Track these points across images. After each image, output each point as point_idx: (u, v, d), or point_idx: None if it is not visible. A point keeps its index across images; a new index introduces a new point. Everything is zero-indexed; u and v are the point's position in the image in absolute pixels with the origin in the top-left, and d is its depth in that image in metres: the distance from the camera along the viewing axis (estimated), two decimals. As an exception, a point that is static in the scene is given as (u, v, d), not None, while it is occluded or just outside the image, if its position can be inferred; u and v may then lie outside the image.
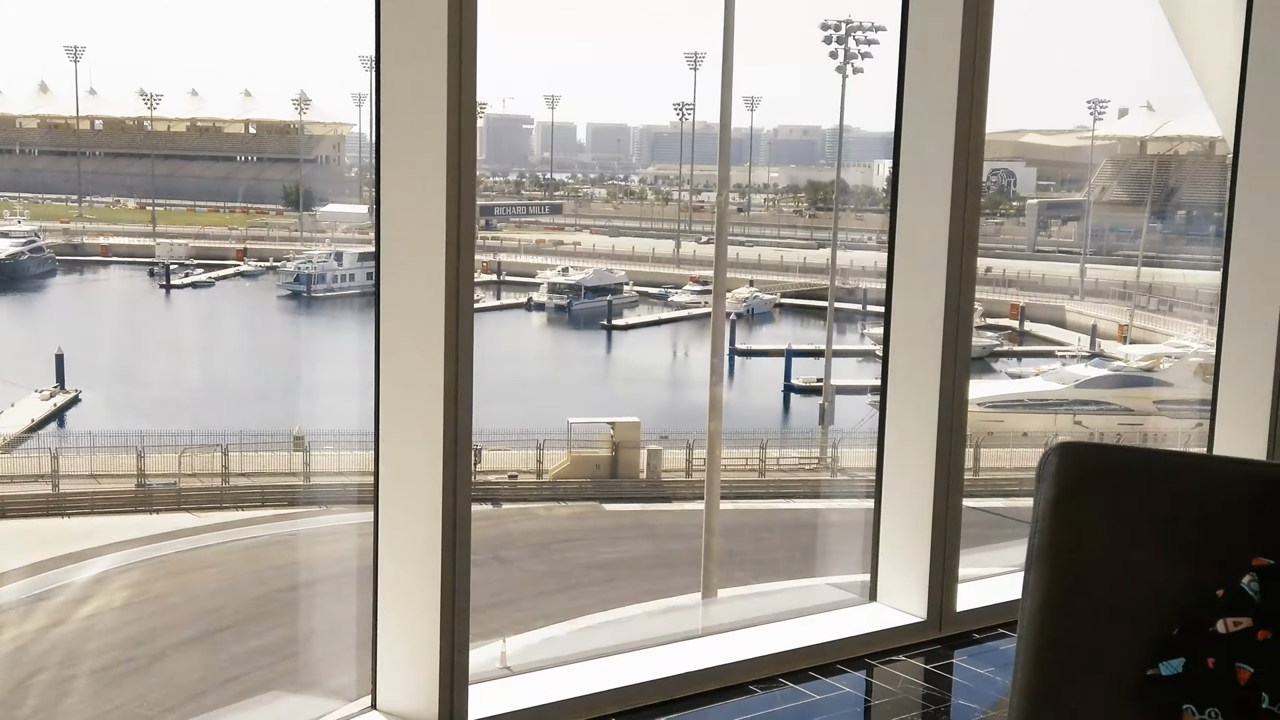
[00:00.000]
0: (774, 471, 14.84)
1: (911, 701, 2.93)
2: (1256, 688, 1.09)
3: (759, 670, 2.94)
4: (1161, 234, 15.10)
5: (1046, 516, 1.35)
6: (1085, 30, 18.84)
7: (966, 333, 3.23)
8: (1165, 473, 1.34)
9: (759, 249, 17.44)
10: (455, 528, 2.43)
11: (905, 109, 3.18)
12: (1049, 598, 1.33)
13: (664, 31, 19.17)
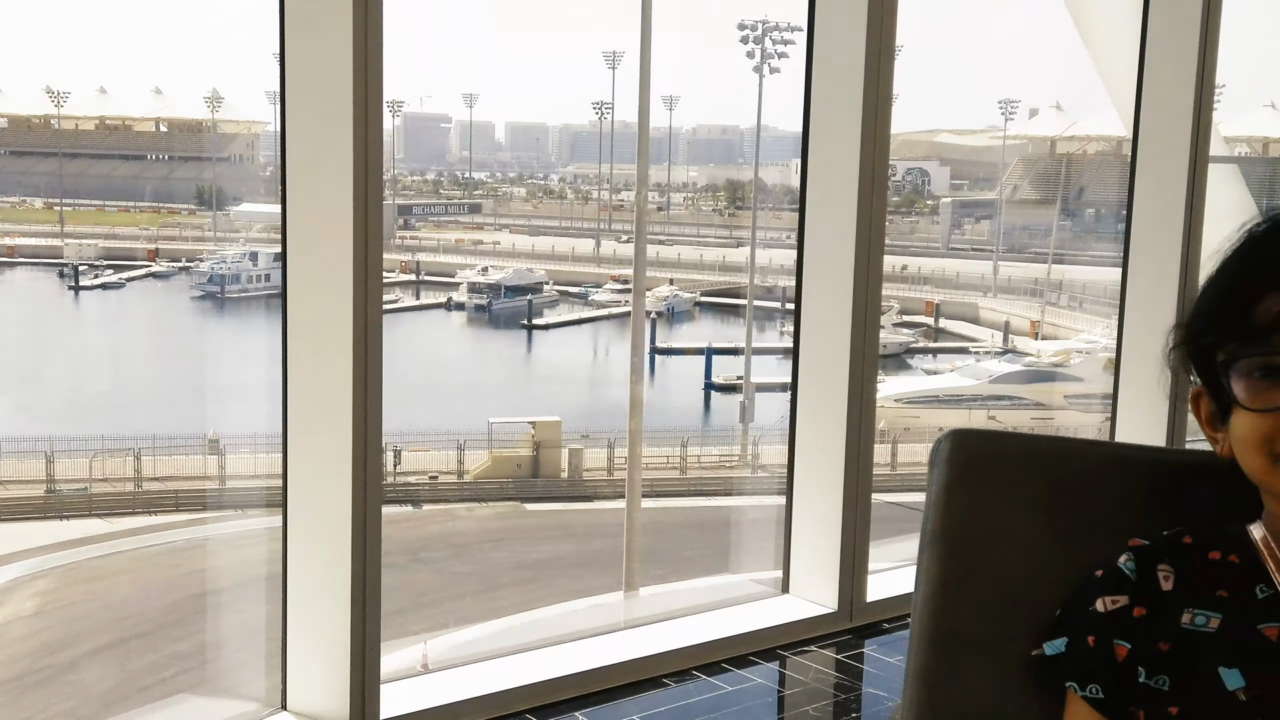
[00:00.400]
0: (695, 469, 14.90)
1: (822, 691, 2.98)
2: (1133, 662, 1.13)
3: (673, 663, 2.98)
4: (1071, 232, 15.43)
5: (938, 502, 1.39)
6: (997, 31, 19.17)
7: (874, 329, 3.29)
8: (1052, 459, 1.38)
9: (679, 248, 17.51)
10: (366, 528, 2.43)
11: (813, 108, 3.24)
12: (941, 582, 1.36)
13: (582, 30, 19.19)
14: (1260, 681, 1.06)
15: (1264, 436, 1.07)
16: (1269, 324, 1.05)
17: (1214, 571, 1.14)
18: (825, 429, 3.30)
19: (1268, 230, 1.09)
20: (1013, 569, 1.33)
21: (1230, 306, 1.08)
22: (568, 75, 20.03)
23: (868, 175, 3.14)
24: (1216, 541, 1.16)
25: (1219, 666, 1.08)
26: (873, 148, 3.13)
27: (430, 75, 18.00)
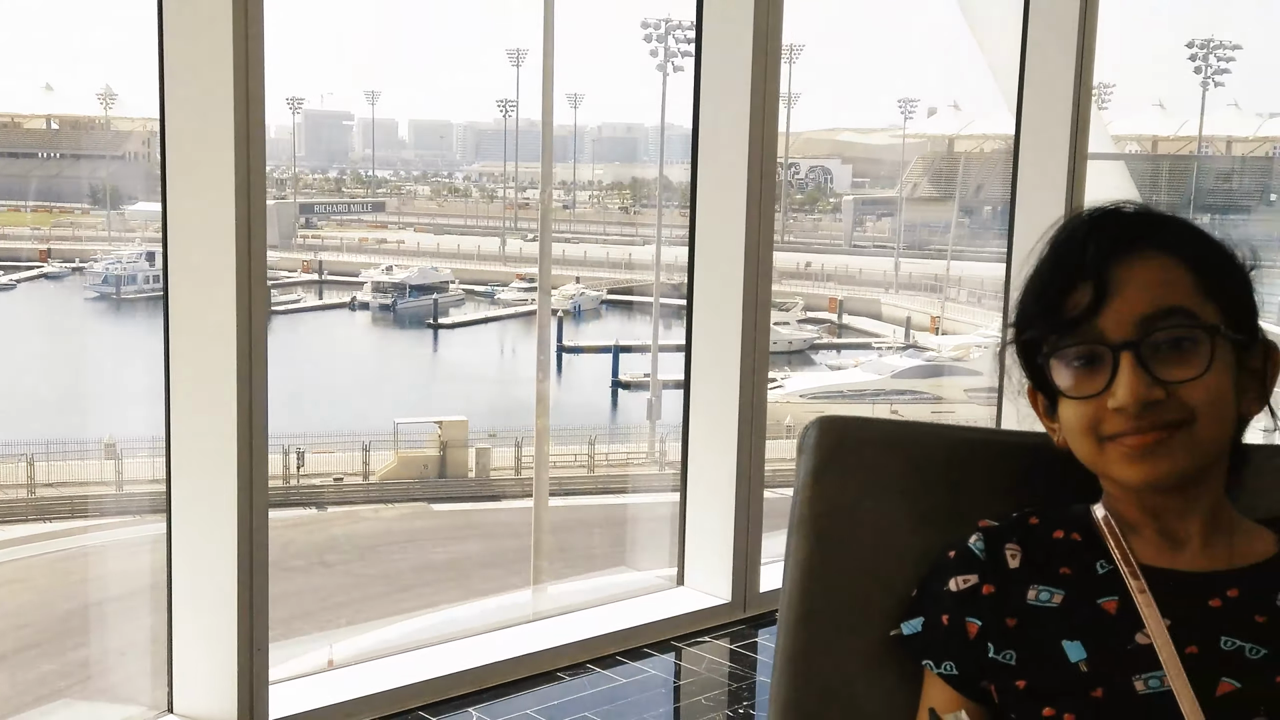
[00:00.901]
0: (603, 467, 14.92)
1: (716, 681, 3.02)
2: (983, 638, 1.17)
3: (568, 657, 3.00)
4: (969, 228, 15.72)
5: (806, 487, 1.43)
6: (896, 31, 19.45)
7: (765, 326, 3.34)
8: (912, 443, 1.42)
9: (585, 246, 17.51)
10: (252, 529, 2.41)
11: (702, 107, 3.28)
12: (807, 566, 1.40)
13: (485, 27, 19.07)
14: (1100, 652, 1.11)
15: (1089, 422, 1.12)
16: (1080, 315, 1.10)
17: (1058, 549, 1.19)
18: (718, 424, 3.34)
19: (1070, 230, 1.15)
20: (875, 551, 1.37)
21: (1045, 302, 1.13)
22: (472, 72, 19.91)
23: (756, 173, 3.19)
24: (1060, 521, 1.21)
25: (1062, 640, 1.12)
26: (760, 146, 3.18)
27: (332, 72, 17.78)
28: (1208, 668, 1.08)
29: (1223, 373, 1.10)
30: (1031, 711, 1.12)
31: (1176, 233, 1.14)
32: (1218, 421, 1.11)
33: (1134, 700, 1.08)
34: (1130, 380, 1.08)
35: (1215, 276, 1.12)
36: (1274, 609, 1.11)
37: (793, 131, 16.74)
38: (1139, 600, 1.12)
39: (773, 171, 3.27)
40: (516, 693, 2.86)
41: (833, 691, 1.34)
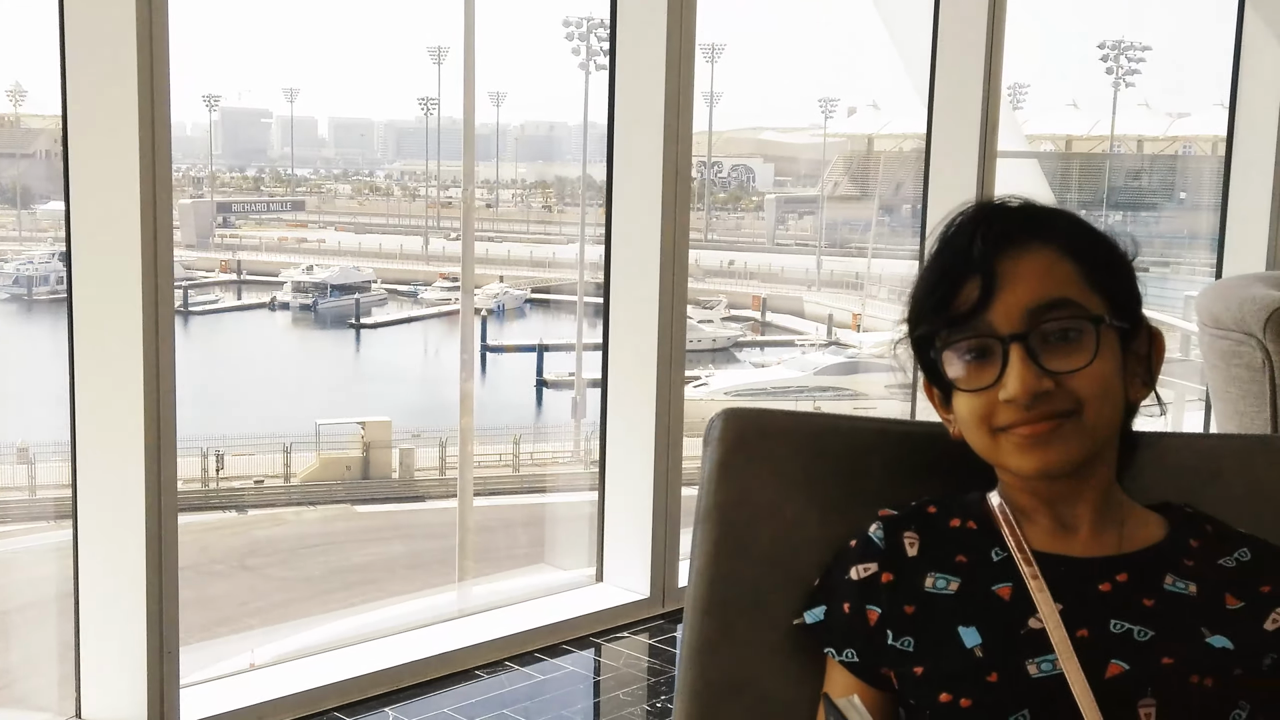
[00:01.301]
0: (528, 466, 14.87)
1: (635, 675, 3.03)
2: (883, 626, 1.19)
3: (486, 655, 3.00)
4: (889, 226, 15.89)
5: (711, 479, 1.44)
6: (817, 30, 19.61)
7: (681, 323, 3.37)
8: (815, 434, 1.45)
9: (508, 245, 17.43)
10: (161, 532, 2.38)
11: (617, 105, 3.29)
12: (712, 556, 1.42)
13: (405, 24, 18.93)
14: (994, 638, 1.14)
15: (982, 414, 1.15)
16: (970, 309, 1.13)
17: (954, 538, 1.22)
18: (636, 422, 3.36)
19: (956, 226, 1.18)
20: (779, 541, 1.39)
21: (935, 298, 1.16)
22: (392, 70, 19.73)
23: (671, 171, 3.21)
24: (957, 510, 1.24)
25: (958, 626, 1.15)
26: (675, 144, 3.20)
27: (249, 69, 17.52)
28: (1098, 650, 1.11)
29: (1109, 361, 1.13)
30: (929, 697, 1.14)
31: (1060, 226, 1.17)
32: (1106, 409, 1.14)
33: (1027, 683, 1.10)
34: (1020, 372, 1.10)
35: (1099, 267, 1.15)
36: (1162, 592, 1.15)
37: (715, 130, 16.81)
38: (1031, 586, 1.14)
39: (688, 170, 3.29)
40: (434, 692, 2.85)
41: (739, 680, 1.36)
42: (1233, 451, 1.41)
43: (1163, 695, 1.09)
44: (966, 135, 3.86)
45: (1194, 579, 1.15)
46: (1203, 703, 1.09)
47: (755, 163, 17.84)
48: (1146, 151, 10.83)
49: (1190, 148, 9.41)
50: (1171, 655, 1.10)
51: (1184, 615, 1.13)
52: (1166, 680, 1.09)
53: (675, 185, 3.22)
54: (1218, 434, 1.80)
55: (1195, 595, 1.14)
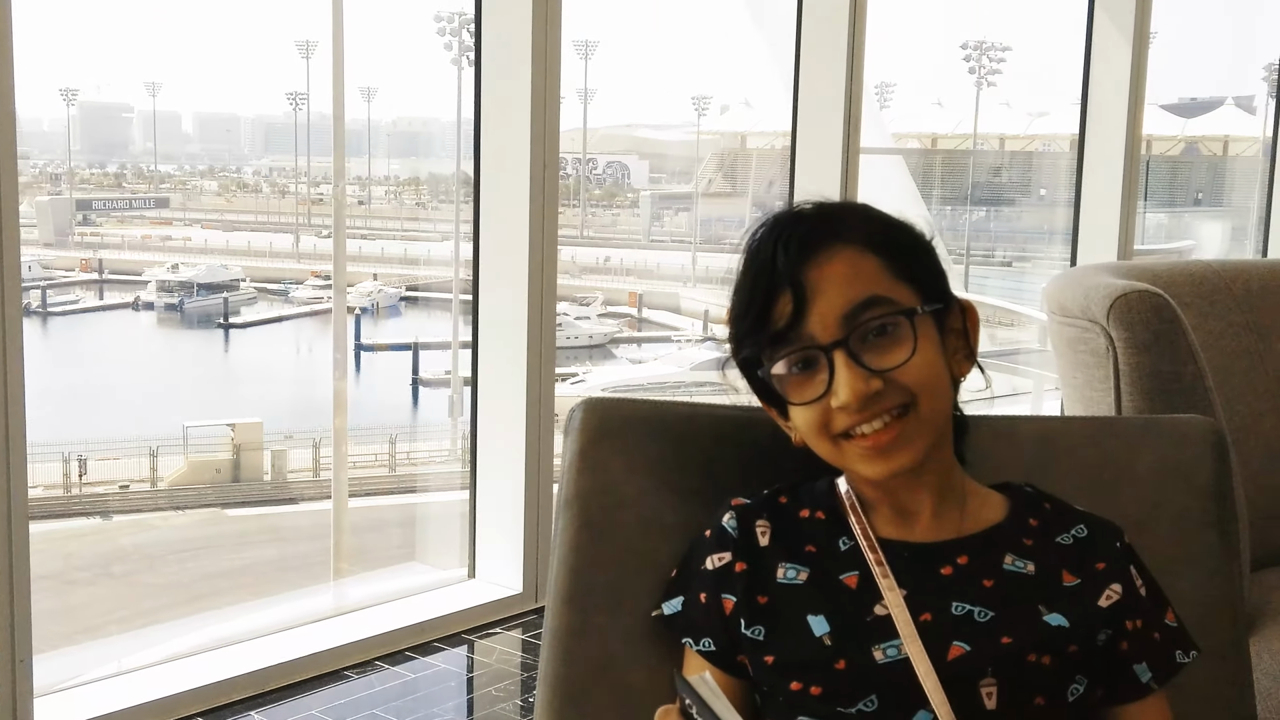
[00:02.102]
0: (405, 465, 14.68)
1: (508, 671, 3.03)
2: (737, 615, 1.21)
3: (355, 655, 2.96)
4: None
5: (572, 468, 1.45)
6: (689, 28, 19.75)
7: (551, 318, 3.37)
8: (677, 423, 1.46)
9: (382, 242, 17.21)
10: (11, 541, 2.31)
11: (483, 101, 3.28)
12: (573, 546, 1.43)
13: (272, 17, 18.53)
14: (841, 625, 1.16)
15: (820, 423, 1.16)
16: (787, 324, 1.13)
17: (804, 528, 1.23)
18: (507, 419, 3.36)
19: (758, 242, 1.18)
20: (639, 530, 1.40)
21: (752, 318, 1.16)
22: (259, 64, 19.32)
23: (539, 168, 3.21)
24: (807, 500, 1.26)
25: (807, 615, 1.17)
26: (543, 141, 3.20)
27: (108, 61, 16.99)
28: (940, 633, 1.13)
29: (931, 347, 1.15)
30: (780, 685, 1.16)
31: (856, 223, 1.17)
32: (939, 396, 1.15)
33: (874, 669, 1.13)
34: (847, 378, 1.11)
35: (900, 256, 1.16)
36: (1001, 572, 1.18)
37: (590, 127, 16.81)
38: (876, 573, 1.17)
39: (555, 165, 3.29)
40: (302, 694, 2.81)
41: (599, 669, 1.37)
42: (1079, 433, 1.46)
43: (1002, 674, 1.12)
44: (830, 132, 3.93)
45: (1033, 558, 1.19)
46: (1041, 680, 1.13)
47: (630, 159, 17.90)
48: (1008, 149, 11.13)
49: (1049, 145, 9.71)
50: (1011, 635, 1.13)
51: (1023, 594, 1.16)
52: (1006, 660, 1.12)
53: (544, 181, 3.22)
54: (1065, 416, 1.87)
55: (1034, 574, 1.18)
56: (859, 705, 1.12)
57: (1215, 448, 1.41)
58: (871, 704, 1.12)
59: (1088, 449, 1.43)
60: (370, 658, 2.98)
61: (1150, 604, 1.20)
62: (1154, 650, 1.19)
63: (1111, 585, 1.18)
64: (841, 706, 1.13)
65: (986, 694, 1.11)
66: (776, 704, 1.17)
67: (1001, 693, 1.12)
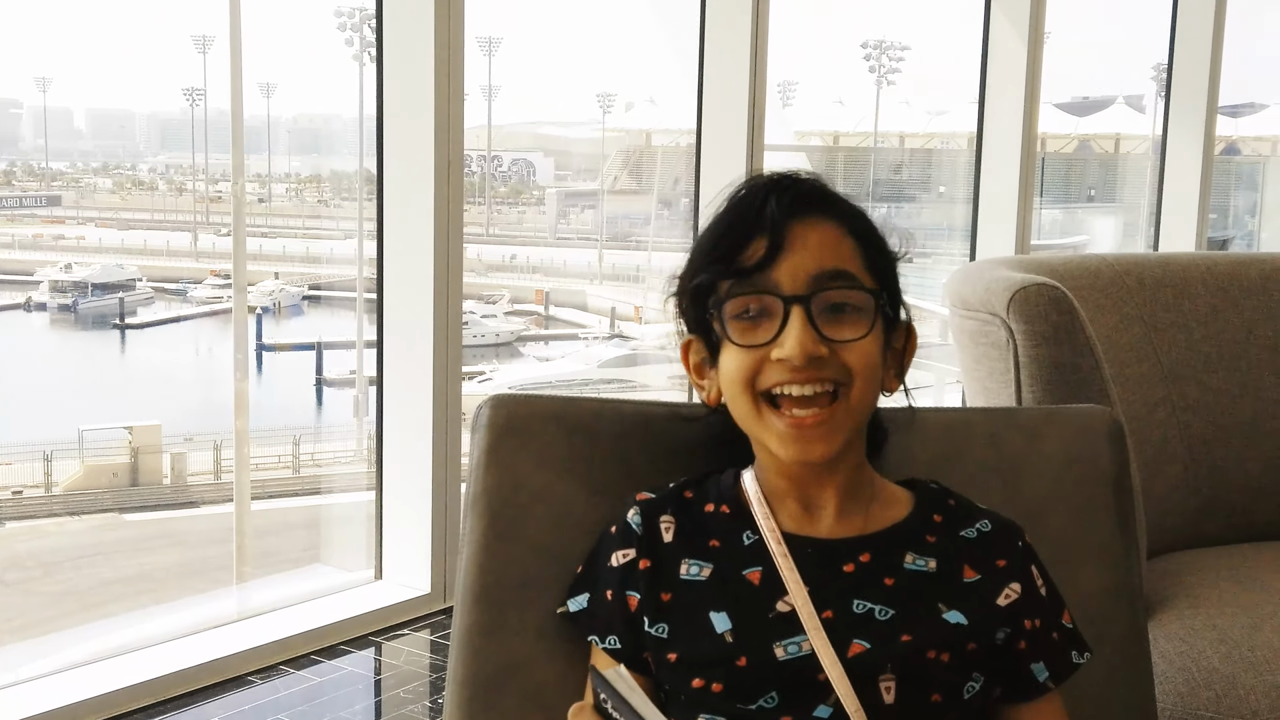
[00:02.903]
0: (309, 467, 14.47)
1: (416, 673, 3.00)
2: (641, 612, 1.20)
3: (259, 660, 2.91)
4: (668, 220, 16.14)
5: (480, 465, 1.44)
6: (594, 25, 19.74)
7: (457, 316, 3.35)
8: (585, 417, 1.45)
9: (283, 240, 16.94)
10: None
11: (386, 97, 3.24)
12: (482, 544, 1.41)
13: (166, 11, 18.13)
14: (744, 622, 1.16)
15: (750, 373, 1.15)
16: (755, 265, 1.14)
17: (708, 523, 1.23)
18: (413, 418, 3.32)
19: (750, 188, 1.19)
20: (548, 526, 1.40)
21: (720, 252, 1.16)
22: (154, 59, 18.90)
23: (443, 165, 3.18)
24: (712, 494, 1.25)
25: (710, 611, 1.17)
26: (447, 138, 3.17)
27: (-6, 56, 16.49)
28: (841, 631, 1.14)
29: (877, 342, 1.16)
30: (682, 682, 1.16)
31: (846, 207, 1.19)
32: (870, 389, 1.16)
33: (775, 666, 1.13)
34: (799, 333, 1.12)
35: (876, 253, 1.19)
36: (902, 571, 1.18)
37: (495, 124, 16.72)
38: (781, 567, 1.17)
39: (460, 162, 3.27)
40: (204, 700, 2.75)
41: (508, 668, 1.36)
42: (981, 424, 1.48)
43: (901, 671, 1.13)
44: (735, 130, 3.96)
45: (934, 555, 1.20)
46: (939, 677, 1.14)
47: (535, 157, 17.83)
48: (908, 147, 11.30)
49: (948, 143, 9.87)
50: (910, 633, 1.14)
51: (923, 592, 1.17)
52: (905, 657, 1.13)
53: (448, 178, 3.19)
54: (968, 408, 1.90)
55: (935, 571, 1.19)
56: (759, 702, 1.13)
57: (1113, 437, 1.44)
58: (772, 700, 1.13)
59: (990, 440, 1.45)
60: (274, 662, 2.93)
61: (1049, 604, 1.22)
62: (1052, 650, 1.21)
63: (1011, 584, 1.19)
64: (742, 703, 1.13)
65: (885, 689, 1.12)
66: (679, 702, 1.17)
67: (900, 689, 1.13)
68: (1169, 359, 2.31)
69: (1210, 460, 2.30)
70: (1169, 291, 2.36)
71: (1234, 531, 2.31)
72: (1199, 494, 2.29)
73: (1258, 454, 2.34)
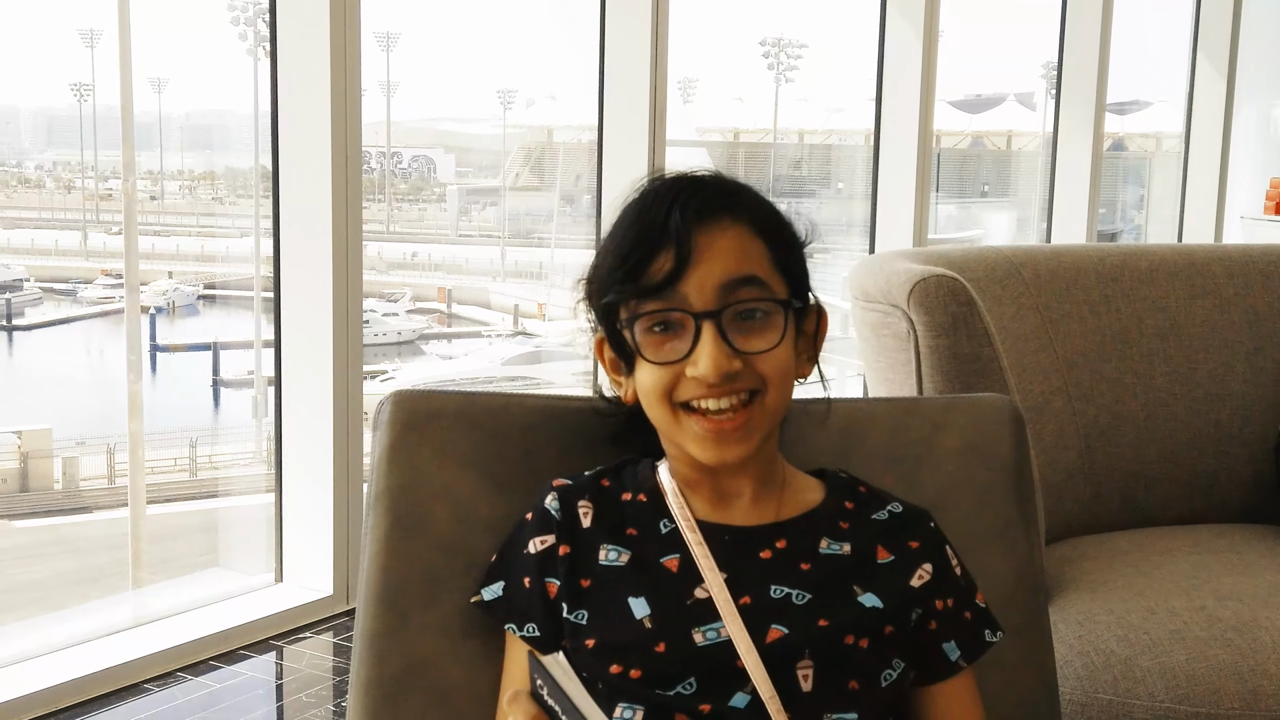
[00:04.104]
0: (206, 469, 14.13)
1: (319, 675, 2.95)
2: (560, 599, 1.20)
3: (155, 667, 2.84)
4: (571, 217, 16.10)
5: (382, 462, 1.42)
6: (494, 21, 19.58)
7: (357, 315, 3.30)
8: (488, 413, 1.44)
9: (177, 239, 16.52)
10: None
11: (280, 93, 3.18)
12: (384, 542, 1.39)
13: (52, 3, 17.63)
14: (662, 608, 1.16)
15: (666, 388, 1.15)
16: (663, 280, 1.13)
17: (626, 510, 1.23)
18: (313, 418, 3.27)
19: (653, 196, 1.17)
20: (452, 523, 1.38)
21: (627, 267, 1.14)
22: (39, 53, 18.39)
23: (340, 162, 3.13)
24: (629, 483, 1.26)
25: (628, 597, 1.17)
26: (344, 134, 3.12)
27: None
28: (759, 616, 1.14)
29: (789, 343, 1.16)
30: (601, 669, 1.16)
31: (750, 204, 1.18)
32: (784, 391, 1.17)
33: (693, 652, 1.13)
34: (712, 351, 1.11)
35: (784, 247, 1.18)
36: (817, 556, 1.20)
37: (394, 120, 16.52)
38: (697, 554, 1.17)
39: (358, 159, 3.22)
40: (99, 710, 2.67)
41: (413, 667, 1.34)
42: (884, 413, 1.49)
43: (819, 656, 1.14)
44: (636, 126, 3.96)
45: (848, 539, 1.21)
46: (857, 663, 1.15)
47: (436, 153, 17.65)
48: (807, 143, 11.40)
49: (846, 140, 9.99)
50: (827, 617, 1.15)
51: (838, 576, 1.19)
52: (822, 642, 1.14)
53: (346, 175, 3.14)
54: (871, 398, 1.92)
55: (849, 554, 1.20)
56: (678, 688, 1.13)
57: (1013, 425, 1.46)
58: (690, 686, 1.13)
59: (893, 429, 1.46)
60: (171, 669, 2.86)
61: (962, 585, 1.24)
62: (964, 629, 1.23)
63: (924, 565, 1.21)
64: (660, 689, 1.13)
65: (803, 675, 1.13)
66: (596, 690, 1.16)
67: (817, 675, 1.13)
68: (1064, 348, 2.35)
69: (1105, 447, 2.35)
70: (1063, 282, 2.41)
71: (1129, 517, 2.37)
72: (1095, 480, 2.34)
73: (1150, 441, 2.40)
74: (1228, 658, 1.82)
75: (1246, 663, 1.81)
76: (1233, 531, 2.33)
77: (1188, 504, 2.42)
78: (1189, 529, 2.33)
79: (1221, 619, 1.89)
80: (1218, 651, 1.83)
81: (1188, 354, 2.45)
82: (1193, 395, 2.44)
